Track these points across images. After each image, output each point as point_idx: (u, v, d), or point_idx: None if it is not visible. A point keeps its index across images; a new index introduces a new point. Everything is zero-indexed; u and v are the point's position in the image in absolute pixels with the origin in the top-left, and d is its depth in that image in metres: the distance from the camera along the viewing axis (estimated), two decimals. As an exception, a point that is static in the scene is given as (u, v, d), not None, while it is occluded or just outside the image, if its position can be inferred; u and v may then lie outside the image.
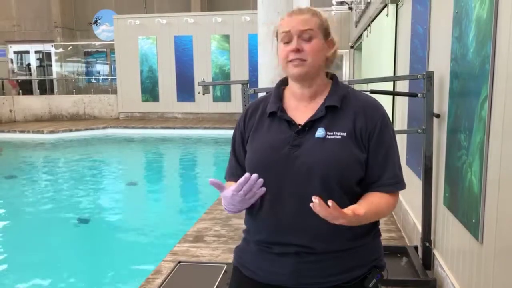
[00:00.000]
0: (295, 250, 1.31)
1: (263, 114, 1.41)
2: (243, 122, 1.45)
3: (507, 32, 1.75)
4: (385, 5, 5.01)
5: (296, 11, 1.36)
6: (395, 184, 1.36)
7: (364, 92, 1.67)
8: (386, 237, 3.86)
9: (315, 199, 1.12)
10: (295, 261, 1.31)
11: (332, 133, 1.31)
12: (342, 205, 1.27)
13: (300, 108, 1.38)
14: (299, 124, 1.34)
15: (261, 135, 1.39)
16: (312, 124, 1.33)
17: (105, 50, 17.85)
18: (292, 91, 1.41)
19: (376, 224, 1.41)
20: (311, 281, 1.31)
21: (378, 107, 1.37)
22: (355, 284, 1.34)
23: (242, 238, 1.48)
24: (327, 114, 1.33)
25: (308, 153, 1.29)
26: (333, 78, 1.43)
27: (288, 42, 1.33)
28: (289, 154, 1.31)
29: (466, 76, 2.22)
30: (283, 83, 1.46)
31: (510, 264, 1.69)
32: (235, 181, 1.40)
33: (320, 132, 1.31)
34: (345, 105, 1.35)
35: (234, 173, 1.46)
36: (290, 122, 1.35)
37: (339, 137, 1.30)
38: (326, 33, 1.36)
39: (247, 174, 1.25)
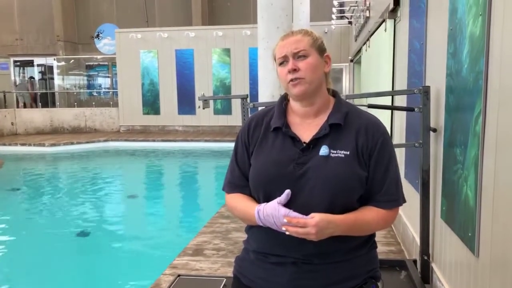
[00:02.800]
0: (292, 261, 1.34)
1: (268, 128, 1.43)
2: (247, 135, 1.46)
3: (498, 48, 1.79)
4: (383, 20, 5.07)
5: (288, 34, 1.42)
6: (390, 202, 1.39)
7: (362, 106, 1.71)
8: (386, 251, 3.87)
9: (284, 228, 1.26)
10: (292, 270, 1.34)
11: (335, 151, 1.34)
12: None
13: (304, 125, 1.41)
14: (304, 142, 1.37)
15: (265, 150, 1.40)
16: (316, 141, 1.36)
17: (106, 63, 17.99)
18: (295, 110, 1.44)
19: (372, 236, 1.44)
20: None
21: (379, 126, 1.40)
22: None
23: (243, 248, 1.50)
24: (330, 132, 1.36)
25: (312, 171, 1.32)
26: (335, 94, 1.46)
27: (284, 64, 1.38)
28: (293, 172, 1.33)
29: (461, 91, 2.26)
30: (286, 98, 1.49)
31: (505, 277, 1.71)
32: (241, 192, 1.45)
33: (324, 150, 1.34)
34: (348, 122, 1.38)
35: (239, 184, 1.46)
36: (295, 139, 1.38)
37: (343, 155, 1.33)
38: (321, 49, 1.40)
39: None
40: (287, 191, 1.28)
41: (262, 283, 1.39)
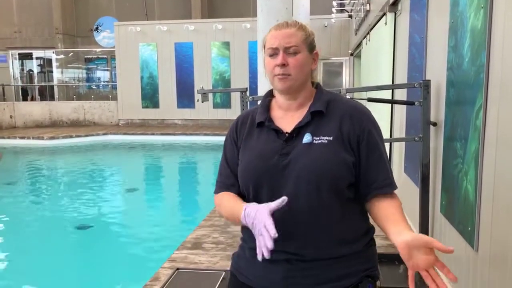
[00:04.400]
0: (285, 257, 1.32)
1: (253, 125, 1.44)
2: (235, 132, 1.48)
3: (500, 41, 1.77)
4: (384, 14, 5.05)
5: (282, 24, 1.39)
6: (391, 184, 1.37)
7: (361, 100, 1.69)
8: (385, 245, 3.86)
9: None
10: (286, 268, 1.33)
11: (318, 138, 1.33)
12: (332, 208, 1.31)
13: (287, 117, 1.41)
14: (286, 132, 1.37)
15: (251, 145, 1.41)
16: (299, 131, 1.36)
17: (105, 56, 17.94)
18: (279, 103, 1.45)
19: (369, 232, 1.41)
20: None
21: (364, 111, 1.40)
22: None
23: (239, 244, 1.50)
24: (313, 120, 1.36)
25: (296, 160, 1.32)
26: (317, 86, 1.46)
27: (274, 56, 1.36)
28: (278, 163, 1.33)
29: (461, 85, 2.24)
30: (270, 94, 1.50)
31: (504, 271, 1.71)
32: (228, 191, 1.45)
33: (307, 138, 1.33)
34: (331, 110, 1.38)
35: (226, 183, 1.46)
36: (278, 131, 1.38)
37: (326, 141, 1.32)
38: (311, 46, 1.39)
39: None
40: (283, 199, 1.23)
41: (257, 281, 1.39)
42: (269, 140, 1.38)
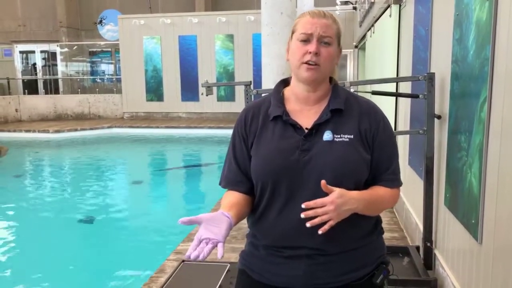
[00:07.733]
0: (306, 253, 1.32)
1: (266, 118, 1.39)
2: (244, 127, 1.42)
3: (505, 34, 1.77)
4: (389, 6, 5.02)
5: (319, 13, 1.36)
6: (395, 181, 1.41)
7: (366, 92, 1.70)
8: (389, 237, 3.88)
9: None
10: (307, 263, 1.32)
11: (339, 136, 1.33)
12: None
13: (304, 112, 1.39)
14: (306, 128, 1.35)
15: (267, 140, 1.37)
16: (318, 127, 1.34)
17: (110, 50, 17.92)
18: (296, 93, 1.40)
19: (379, 222, 1.45)
20: (322, 282, 1.33)
21: (377, 109, 1.42)
22: (365, 281, 1.37)
23: (248, 242, 1.46)
24: (332, 117, 1.35)
25: (318, 156, 1.31)
26: (331, 80, 1.44)
27: (306, 42, 1.33)
28: (299, 159, 1.31)
29: (466, 78, 2.24)
30: (282, 84, 1.46)
31: (508, 264, 1.72)
32: (236, 188, 1.42)
33: (327, 135, 1.33)
34: (348, 107, 1.38)
35: (234, 180, 1.43)
36: (296, 126, 1.35)
37: (347, 139, 1.32)
38: (339, 41, 1.39)
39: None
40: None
41: (275, 278, 1.37)
42: (286, 134, 1.35)
